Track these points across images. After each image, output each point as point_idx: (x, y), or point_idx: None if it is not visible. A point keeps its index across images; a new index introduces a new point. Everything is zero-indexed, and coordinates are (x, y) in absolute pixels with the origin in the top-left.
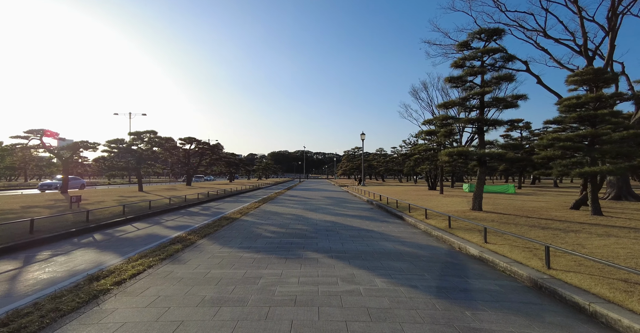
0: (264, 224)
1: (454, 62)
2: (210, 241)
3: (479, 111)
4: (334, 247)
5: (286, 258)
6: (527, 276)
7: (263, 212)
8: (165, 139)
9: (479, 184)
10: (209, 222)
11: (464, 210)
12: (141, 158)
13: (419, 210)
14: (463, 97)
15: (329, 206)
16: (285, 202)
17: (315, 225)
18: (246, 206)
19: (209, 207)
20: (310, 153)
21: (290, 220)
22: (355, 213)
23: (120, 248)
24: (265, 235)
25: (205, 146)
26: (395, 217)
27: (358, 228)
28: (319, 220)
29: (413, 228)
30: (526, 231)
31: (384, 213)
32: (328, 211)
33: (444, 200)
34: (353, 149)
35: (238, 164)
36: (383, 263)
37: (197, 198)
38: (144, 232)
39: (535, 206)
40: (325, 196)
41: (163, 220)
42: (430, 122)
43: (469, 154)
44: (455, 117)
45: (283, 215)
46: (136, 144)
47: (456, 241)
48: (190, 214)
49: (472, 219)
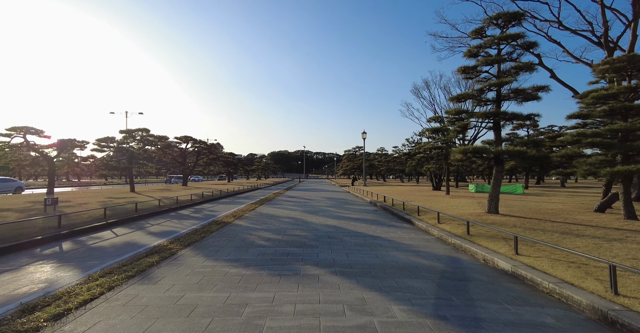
0: (258, 229)
1: (468, 51)
2: (194, 251)
3: (494, 104)
4: (338, 259)
5: (280, 274)
6: (589, 305)
7: (259, 215)
8: (159, 137)
9: (496, 184)
10: (197, 227)
11: (479, 213)
12: (132, 157)
13: (428, 213)
14: (479, 89)
15: (330, 208)
16: (284, 204)
17: (316, 231)
18: (241, 208)
19: (201, 209)
20: (310, 153)
21: (288, 225)
22: (358, 215)
23: (86, 260)
24: (258, 244)
25: (202, 145)
26: (404, 221)
27: (364, 234)
28: (320, 225)
29: (425, 234)
30: (559, 240)
31: (390, 216)
32: (329, 213)
33: (453, 202)
34: (354, 148)
35: (236, 164)
36: (398, 281)
37: (190, 199)
38: (122, 240)
39: (554, 208)
40: (325, 197)
41: (148, 225)
42: (436, 119)
43: (486, 151)
44: (468, 110)
45: (280, 218)
46: (127, 142)
47: (479, 251)
48: (179, 217)
49: (491, 224)
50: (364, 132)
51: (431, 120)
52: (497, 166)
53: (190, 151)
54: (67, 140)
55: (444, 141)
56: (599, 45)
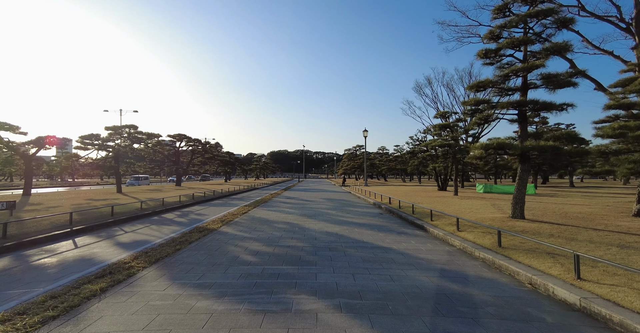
0: (246, 239)
1: (489, 32)
2: (159, 271)
3: (520, 92)
4: (343, 284)
5: (265, 311)
6: None
7: (250, 220)
8: (148, 134)
9: (521, 185)
10: (176, 236)
11: (501, 218)
12: (119, 155)
13: (443, 217)
14: (504, 75)
15: (331, 211)
16: (280, 205)
17: (315, 240)
18: (232, 211)
19: (188, 212)
20: (310, 153)
21: (282, 232)
22: (363, 220)
23: (8, 288)
24: (243, 259)
25: (196, 143)
26: (415, 227)
27: (371, 244)
28: (319, 232)
29: (444, 245)
30: (624, 257)
31: (399, 220)
32: (330, 217)
33: (464, 204)
34: (354, 147)
35: (234, 164)
36: (426, 321)
37: (178, 201)
38: (78, 253)
39: (582, 212)
40: (325, 198)
41: (120, 232)
42: (443, 115)
43: (512, 147)
44: (489, 100)
45: (274, 223)
46: (113, 140)
47: (521, 271)
48: (160, 222)
49: (521, 232)
50: (365, 130)
51: (438, 116)
52: (522, 164)
53: (184, 150)
54: (45, 137)
55: (452, 138)
56: (627, 31)
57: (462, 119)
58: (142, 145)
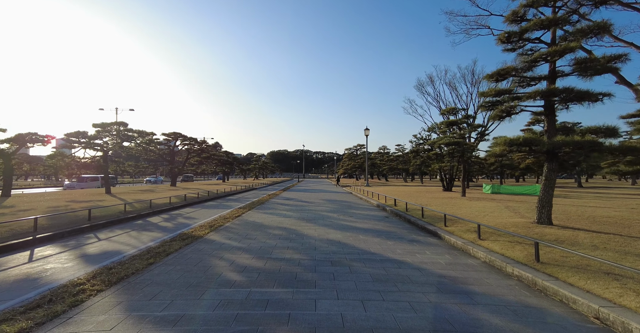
0: (235, 249)
1: (512, 13)
2: (115, 298)
3: (547, 81)
4: (350, 317)
5: None
6: None
7: (243, 225)
8: (139, 132)
9: (548, 186)
10: (154, 245)
11: (524, 223)
12: (107, 154)
13: (457, 222)
14: (531, 60)
15: (332, 214)
16: (278, 208)
17: (314, 250)
18: (224, 214)
19: (177, 215)
20: (310, 152)
21: (277, 240)
22: (367, 225)
23: None
24: (225, 279)
25: (192, 142)
26: (427, 233)
27: (380, 256)
28: (320, 240)
29: (466, 256)
30: None
31: (407, 225)
32: (331, 222)
33: (476, 206)
34: (355, 146)
35: (232, 163)
36: None
37: (168, 203)
38: (26, 270)
39: (610, 215)
40: (326, 199)
41: (92, 241)
42: (451, 111)
43: (540, 143)
44: (511, 90)
45: (269, 229)
46: (102, 137)
47: (581, 300)
48: (143, 227)
49: (555, 241)
50: (367, 128)
51: (444, 113)
52: (549, 162)
53: (180, 149)
54: (25, 134)
55: (460, 136)
56: None
57: (471, 115)
58: (133, 143)
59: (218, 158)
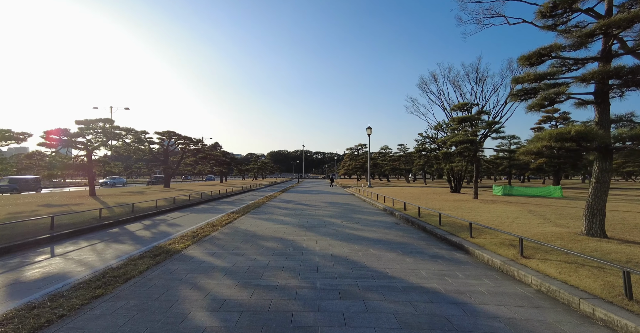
0: (215, 271)
1: None
2: None
3: (600, 63)
4: None
5: None
6: None
7: (232, 234)
8: (127, 130)
9: (600, 190)
10: (115, 264)
11: (567, 234)
12: (90, 154)
13: (484, 232)
14: (587, 33)
15: (335, 220)
16: (275, 212)
17: (316, 273)
18: (213, 220)
19: (160, 222)
20: (310, 153)
21: (269, 256)
22: (377, 234)
23: None
24: (191, 327)
25: (187, 141)
26: (451, 245)
27: (402, 282)
28: (322, 256)
29: (509, 281)
30: None
31: (423, 234)
32: (334, 230)
33: (494, 210)
34: (356, 146)
35: (230, 163)
36: None
37: (154, 207)
38: None
39: None
40: (327, 202)
41: (42, 257)
42: (463, 106)
43: (595, 136)
44: (553, 74)
45: (262, 240)
46: (84, 135)
47: None
48: (114, 238)
49: (628, 262)
50: (369, 127)
51: (456, 108)
52: (602, 161)
53: (173, 149)
54: None
55: (473, 134)
56: None
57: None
58: (120, 142)
59: (215, 157)
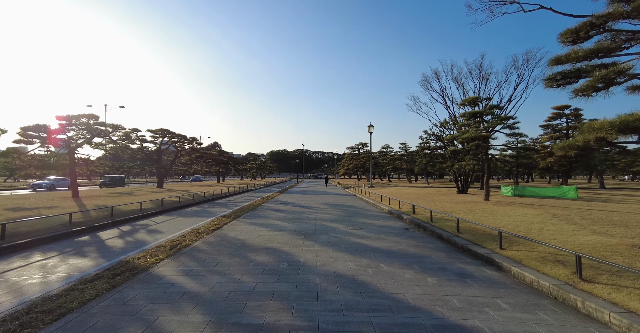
0: (183, 301)
1: None
2: None
3: None
4: None
5: None
6: None
7: (218, 244)
8: (113, 126)
9: None
10: (55, 291)
11: (627, 247)
12: (72, 152)
13: (517, 242)
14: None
15: (337, 225)
16: (270, 215)
17: (315, 302)
18: (199, 226)
19: (140, 227)
20: (310, 152)
21: (257, 277)
22: (387, 243)
23: None
24: None
25: (181, 140)
26: (477, 259)
27: (428, 315)
28: (324, 275)
29: (577, 317)
30: None
31: (440, 243)
32: (337, 237)
33: (513, 213)
34: (357, 145)
35: (227, 163)
36: None
37: (139, 209)
38: None
39: None
40: (328, 203)
41: None
42: (473, 101)
43: None
44: (608, 49)
45: (252, 252)
46: (65, 132)
47: None
48: (76, 249)
49: None
50: (371, 125)
51: (465, 103)
52: None
53: (167, 147)
54: None
55: (485, 129)
56: None
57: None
58: (106, 140)
59: (211, 157)
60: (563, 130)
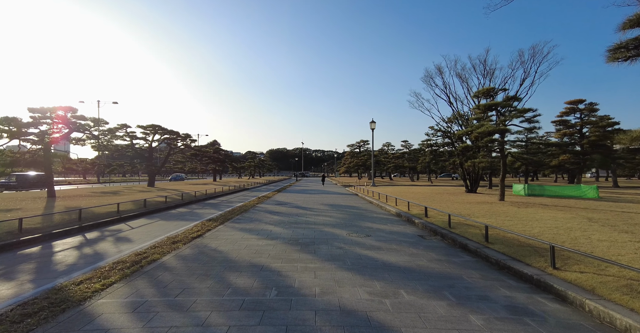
0: None
1: None
2: None
3: None
4: None
5: None
6: None
7: (192, 259)
8: (94, 121)
9: None
10: None
11: None
12: (47, 147)
13: (570, 259)
14: None
15: (340, 231)
16: (264, 219)
17: None
18: (178, 234)
19: (110, 234)
20: (309, 151)
21: (232, 315)
22: (403, 257)
23: None
24: None
25: (174, 136)
26: (521, 280)
27: None
28: (324, 310)
29: None
30: None
31: (468, 256)
32: (341, 249)
33: (541, 216)
34: (358, 142)
35: (223, 161)
36: None
37: (116, 211)
38: None
39: None
40: (328, 204)
41: None
42: (488, 93)
43: None
44: None
45: (232, 272)
46: (37, 125)
47: None
48: (12, 267)
49: None
50: (373, 121)
51: (480, 95)
52: None
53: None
54: None
55: (501, 123)
56: None
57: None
58: (86, 135)
59: (207, 155)
60: (577, 126)
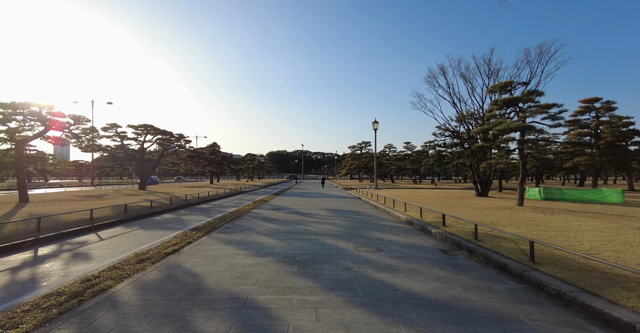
0: None
1: None
2: None
3: None
4: None
5: None
6: None
7: (158, 286)
8: (75, 118)
9: None
10: None
11: None
12: (20, 147)
13: None
14: None
15: (345, 244)
16: (256, 228)
17: None
18: (149, 247)
19: (70, 248)
20: (309, 153)
21: None
22: (430, 284)
23: None
24: None
25: (167, 137)
26: (609, 327)
27: None
28: None
29: None
30: None
31: (512, 282)
32: (348, 270)
33: (580, 226)
34: (359, 144)
35: (221, 163)
36: None
37: (89, 219)
38: None
39: None
40: (330, 210)
41: None
42: (505, 87)
43: None
44: None
45: (203, 309)
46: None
47: None
48: None
49: None
50: (376, 121)
51: (496, 90)
52: None
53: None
54: None
55: (522, 119)
56: None
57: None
58: (65, 133)
59: (203, 156)
60: (592, 125)
